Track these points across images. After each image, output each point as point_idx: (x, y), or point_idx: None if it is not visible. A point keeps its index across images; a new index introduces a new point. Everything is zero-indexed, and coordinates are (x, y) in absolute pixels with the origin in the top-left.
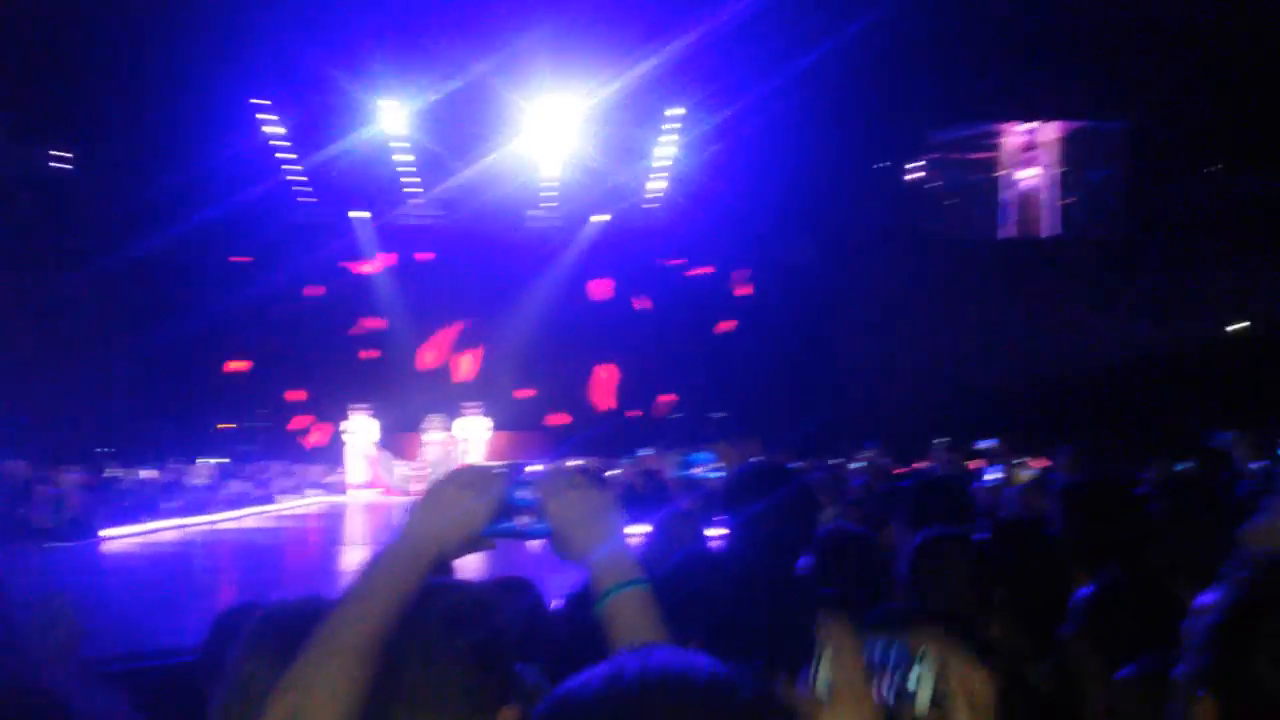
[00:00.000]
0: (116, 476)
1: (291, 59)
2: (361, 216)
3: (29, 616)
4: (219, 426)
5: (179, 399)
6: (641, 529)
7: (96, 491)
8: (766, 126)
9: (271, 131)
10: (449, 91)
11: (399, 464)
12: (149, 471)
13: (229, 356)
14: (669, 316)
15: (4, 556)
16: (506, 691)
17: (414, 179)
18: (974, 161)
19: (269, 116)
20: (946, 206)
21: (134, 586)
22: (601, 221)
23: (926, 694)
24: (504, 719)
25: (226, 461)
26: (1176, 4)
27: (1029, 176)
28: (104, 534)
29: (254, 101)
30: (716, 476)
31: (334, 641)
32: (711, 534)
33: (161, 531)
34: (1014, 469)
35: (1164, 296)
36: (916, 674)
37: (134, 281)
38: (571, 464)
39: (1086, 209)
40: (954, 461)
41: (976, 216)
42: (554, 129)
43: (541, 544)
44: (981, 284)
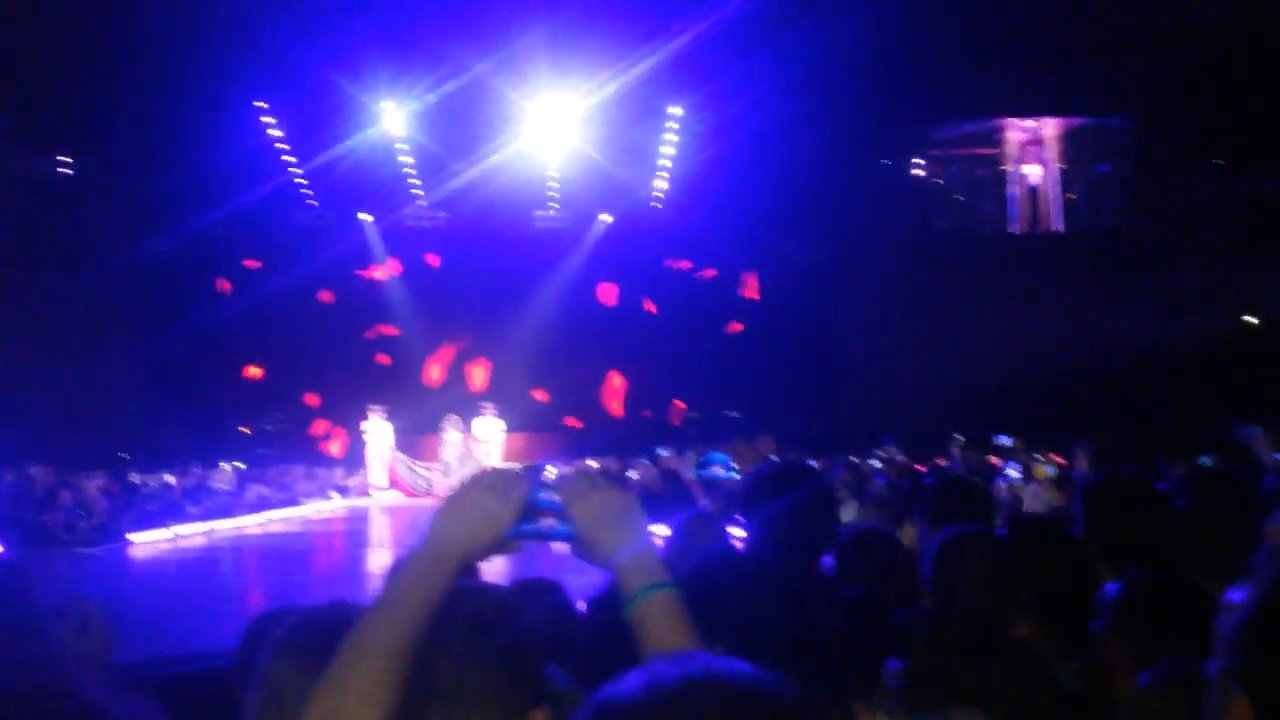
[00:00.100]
0: (139, 481)
1: (292, 62)
2: (366, 219)
3: (60, 622)
4: (240, 430)
5: (196, 402)
6: (662, 530)
7: (120, 496)
8: (771, 124)
9: (273, 134)
10: (450, 92)
11: (418, 465)
12: (170, 476)
13: (243, 360)
14: (681, 316)
15: (31, 562)
16: (537, 694)
17: (417, 181)
18: (980, 158)
19: (270, 120)
20: (954, 202)
21: (163, 591)
22: (608, 221)
23: None
24: None
25: (244, 467)
26: (1180, 1)
27: (1035, 172)
28: (130, 538)
29: (257, 105)
30: (736, 476)
31: (365, 646)
32: (732, 534)
33: (188, 536)
34: (1033, 465)
35: (1172, 291)
36: None
37: (148, 285)
38: (590, 465)
39: (1092, 204)
40: (973, 458)
41: (984, 212)
42: (556, 128)
43: (565, 547)
44: (992, 279)
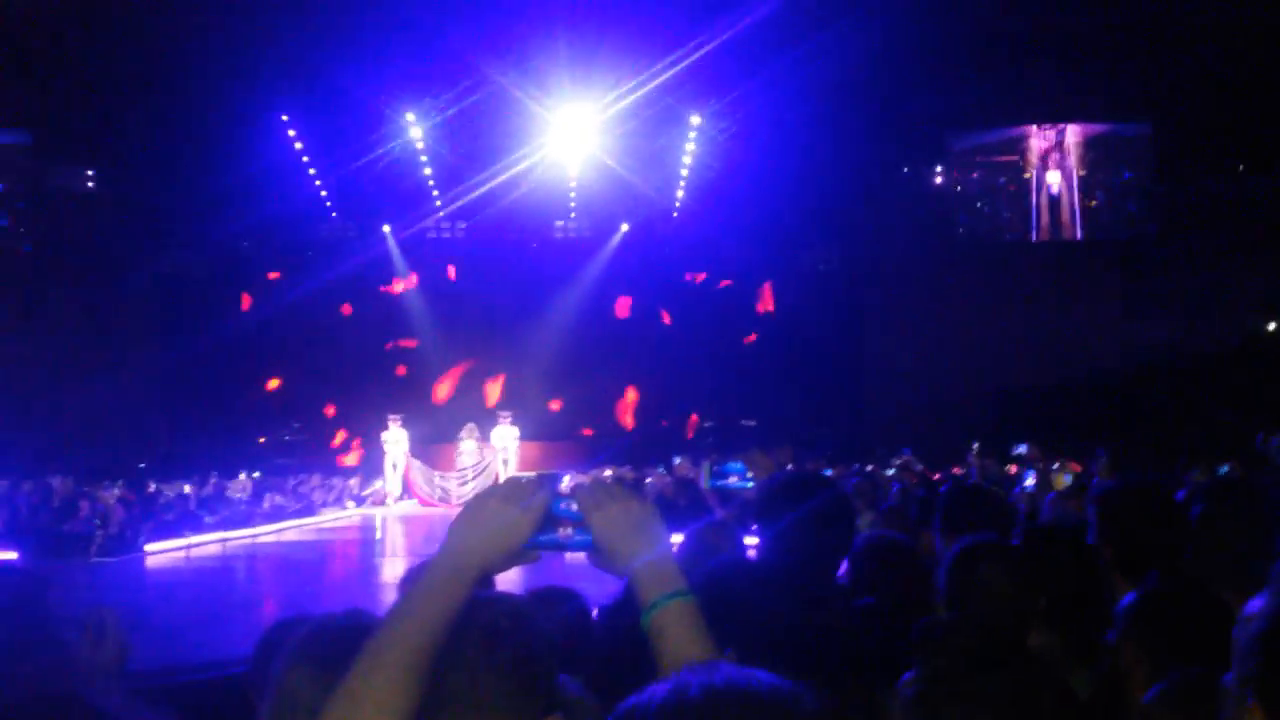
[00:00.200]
0: (157, 491)
1: (314, 75)
2: (386, 231)
3: (77, 631)
4: (257, 440)
5: (213, 413)
6: (677, 539)
7: (138, 506)
8: (791, 132)
9: (296, 147)
10: (470, 103)
11: (435, 474)
12: (188, 486)
13: (261, 371)
14: (699, 326)
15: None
16: (549, 703)
17: (436, 192)
18: (1000, 165)
19: (292, 132)
20: (974, 210)
21: (179, 600)
22: (627, 231)
23: None
24: None
25: (259, 475)
26: (1199, 7)
27: (1055, 179)
28: (148, 549)
29: (281, 118)
30: (751, 485)
31: (383, 656)
32: (748, 543)
33: (205, 545)
34: (1050, 474)
35: (1193, 297)
36: None
37: (167, 297)
38: (606, 473)
39: (1113, 211)
40: (989, 466)
41: (1005, 219)
42: (576, 138)
43: (582, 556)
44: (1011, 287)
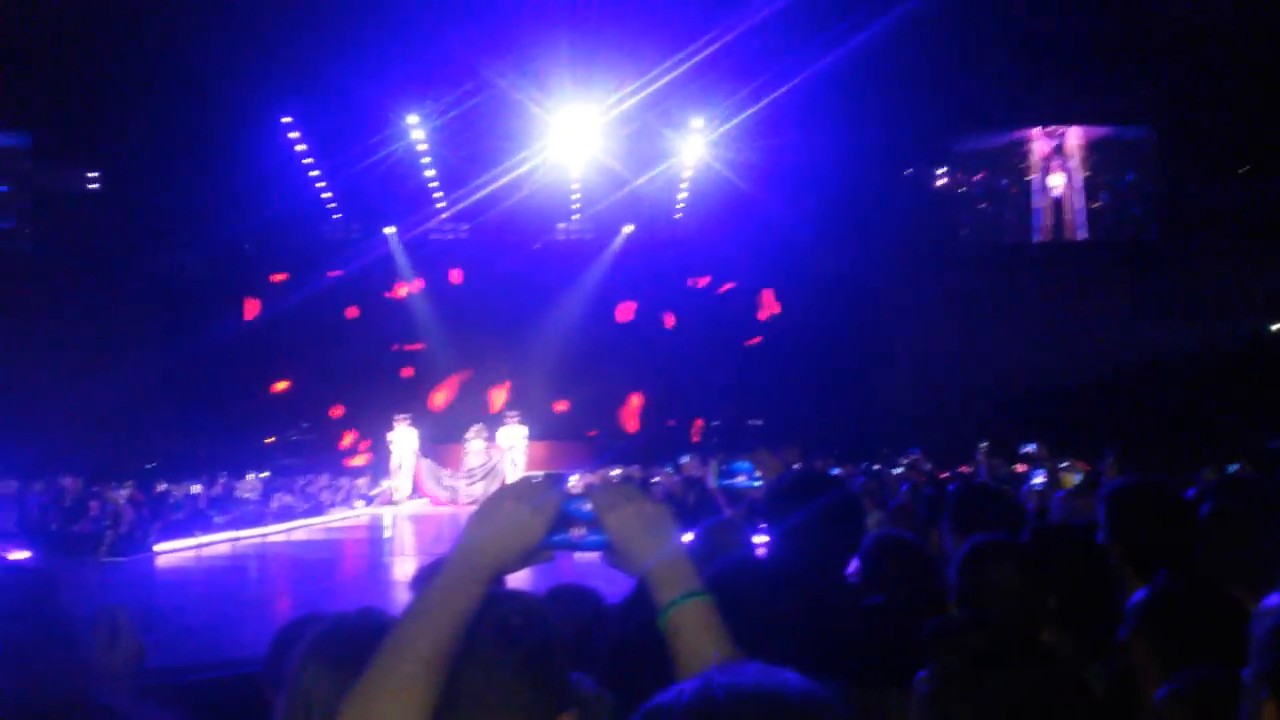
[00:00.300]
0: (166, 491)
1: (317, 76)
2: (390, 232)
3: (91, 633)
4: (266, 440)
5: (222, 413)
6: (686, 538)
7: (147, 506)
8: (794, 135)
9: (299, 149)
10: (473, 105)
11: (443, 474)
12: (197, 486)
13: (269, 371)
14: (704, 326)
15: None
16: (562, 700)
17: (440, 194)
18: (1004, 167)
19: (295, 134)
20: (978, 212)
21: (189, 600)
22: (631, 232)
23: None
24: None
25: (267, 475)
26: (1202, 9)
27: (1059, 181)
28: (158, 548)
29: (283, 120)
30: (759, 485)
31: (399, 654)
32: (756, 542)
33: (215, 545)
34: (1059, 472)
35: (1197, 298)
36: None
37: (175, 298)
38: (614, 473)
39: (1116, 213)
40: (997, 465)
41: (1009, 221)
42: (579, 139)
43: (596, 556)
44: (1017, 288)
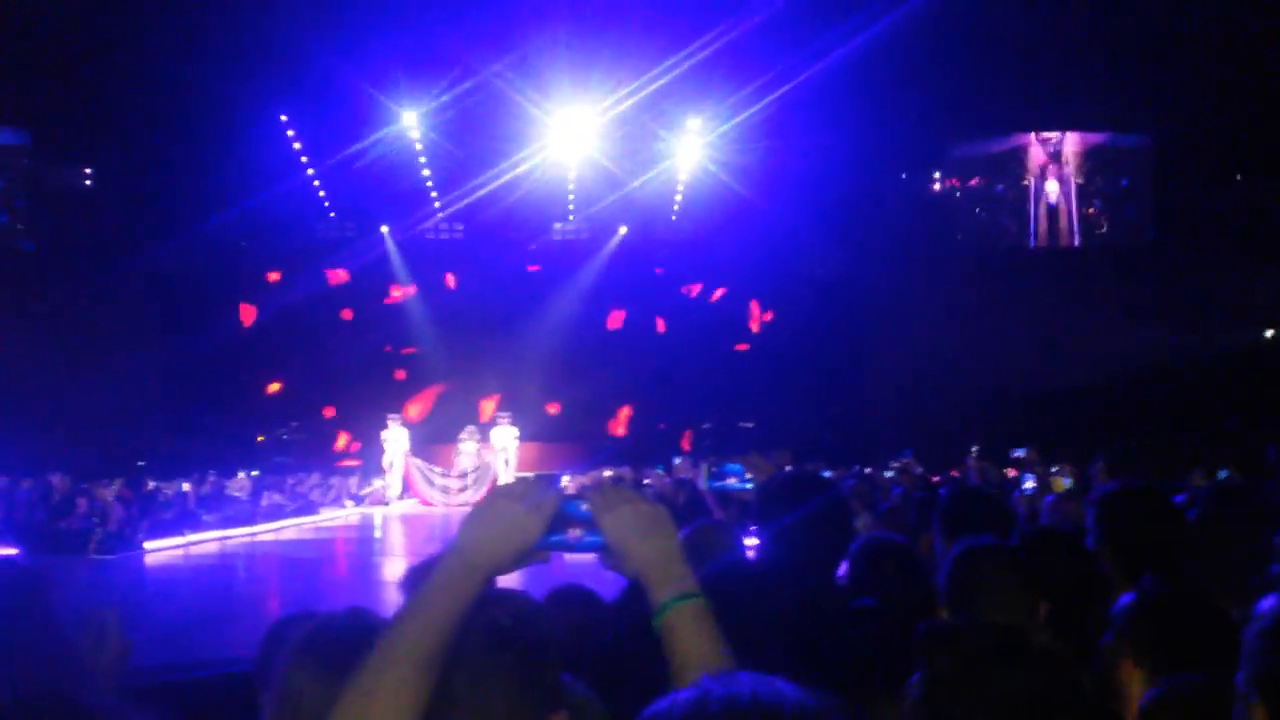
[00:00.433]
0: (155, 489)
1: (313, 73)
2: (385, 232)
3: (78, 632)
4: (256, 438)
5: (212, 411)
6: None
7: (136, 504)
8: (791, 138)
9: (295, 147)
10: (469, 104)
11: (436, 473)
12: (186, 484)
13: (260, 369)
14: (697, 329)
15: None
16: (553, 702)
17: (435, 194)
18: (1000, 172)
19: (290, 132)
20: (974, 216)
21: (177, 599)
22: (625, 234)
23: None
24: None
25: (257, 474)
26: (1200, 16)
27: (1054, 187)
28: (147, 546)
29: (280, 118)
30: (750, 487)
31: (392, 655)
32: (747, 544)
33: (204, 544)
34: (1049, 477)
35: (1191, 304)
36: None
37: (166, 296)
38: (606, 474)
39: (1111, 218)
40: (988, 469)
41: (1004, 226)
42: (575, 140)
43: (592, 556)
44: (1011, 293)
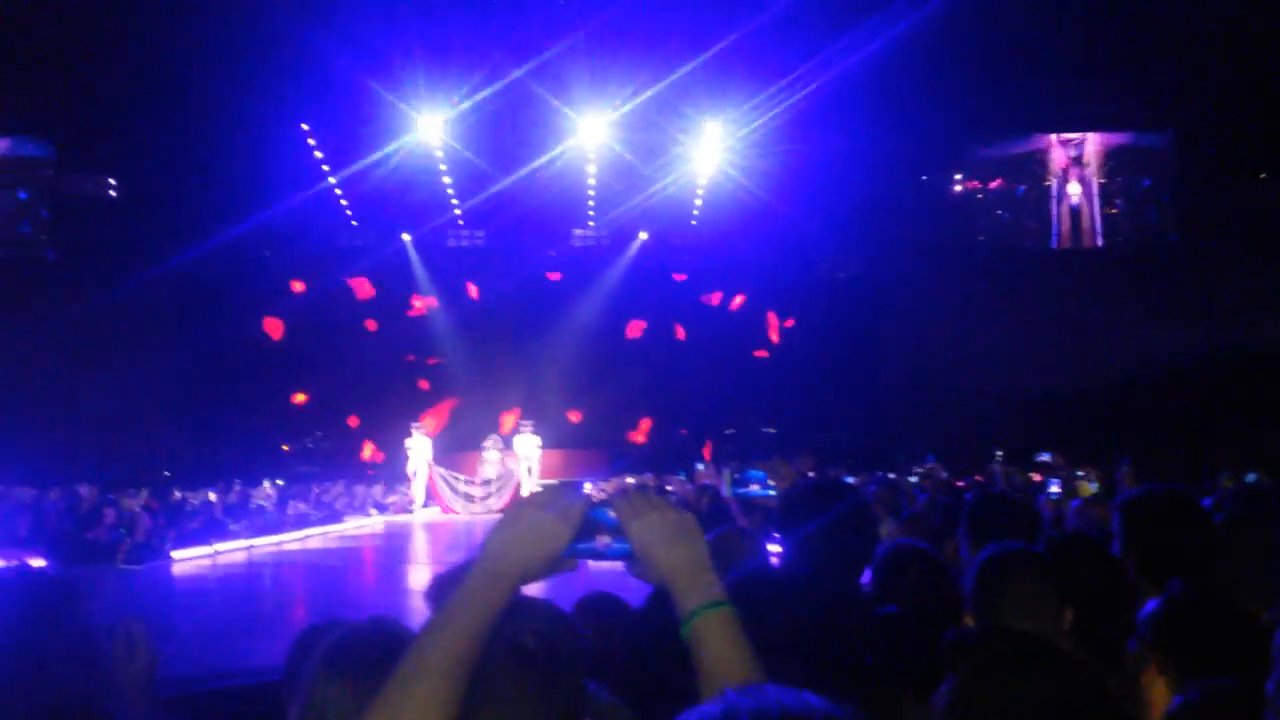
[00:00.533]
0: (182, 499)
1: (333, 82)
2: (406, 240)
3: (107, 642)
4: (281, 447)
5: (238, 420)
6: None
7: (163, 514)
8: (812, 140)
9: (317, 156)
10: (489, 110)
11: (459, 481)
12: (212, 493)
13: (285, 377)
14: (719, 335)
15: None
16: (576, 710)
17: (455, 200)
18: (1021, 173)
19: (312, 141)
20: (995, 218)
21: (204, 608)
22: (646, 239)
23: None
24: None
25: (283, 483)
26: (1220, 15)
27: (1076, 187)
28: (174, 555)
29: (304, 127)
30: (773, 494)
31: (422, 665)
32: (770, 551)
33: (231, 552)
34: (1075, 481)
35: (1215, 304)
36: None
37: (191, 306)
38: (628, 481)
39: (1133, 219)
40: (1013, 473)
41: (1026, 227)
42: (595, 146)
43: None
44: (1034, 294)
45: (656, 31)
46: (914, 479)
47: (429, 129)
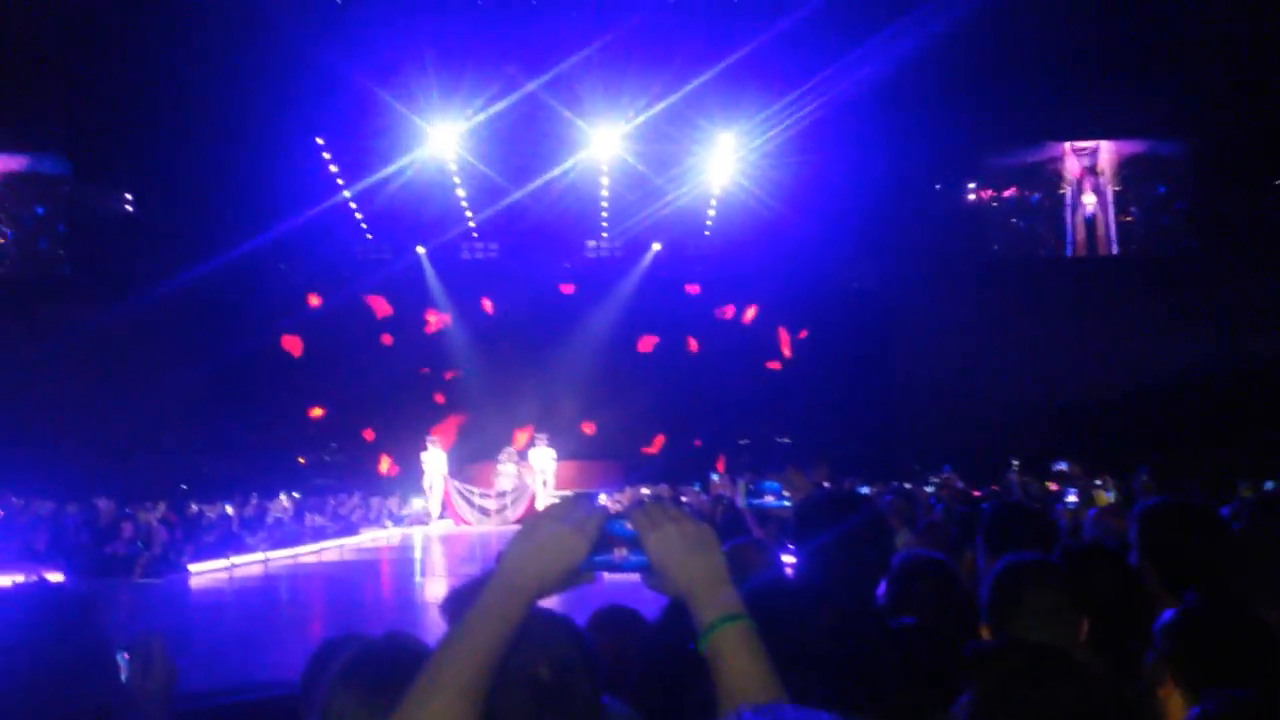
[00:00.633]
0: (199, 512)
1: (348, 98)
2: (421, 253)
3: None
4: (298, 460)
5: (254, 434)
6: None
7: (180, 527)
8: (825, 150)
9: (332, 170)
10: (503, 124)
11: (475, 494)
12: (229, 506)
13: (301, 391)
14: (733, 346)
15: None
16: None
17: (470, 213)
18: (1036, 181)
19: (327, 155)
20: (1010, 226)
21: (221, 621)
22: (659, 250)
23: None
24: None
25: (299, 495)
26: (1236, 23)
27: (1090, 201)
28: (191, 568)
29: (319, 141)
30: (788, 505)
31: (439, 681)
32: (786, 562)
33: (248, 565)
34: (1092, 491)
35: (1231, 312)
36: None
37: (207, 320)
38: (643, 492)
39: (1149, 226)
40: (1030, 483)
41: (1041, 235)
42: (608, 159)
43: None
44: (1049, 303)
45: (669, 43)
46: (930, 489)
47: (443, 142)
